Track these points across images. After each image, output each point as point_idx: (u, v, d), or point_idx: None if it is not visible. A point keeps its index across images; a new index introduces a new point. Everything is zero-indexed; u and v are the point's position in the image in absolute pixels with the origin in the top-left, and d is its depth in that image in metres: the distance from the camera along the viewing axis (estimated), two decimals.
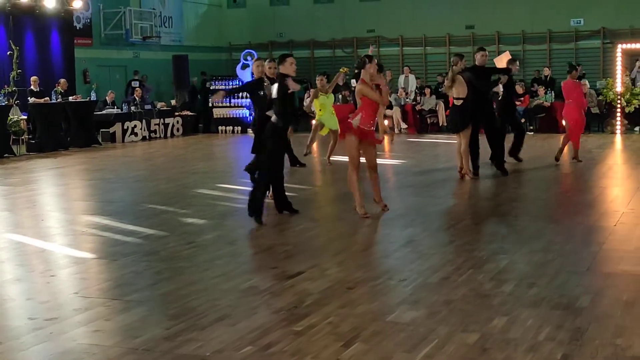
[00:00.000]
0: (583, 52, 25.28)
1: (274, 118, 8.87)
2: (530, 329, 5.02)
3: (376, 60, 9.26)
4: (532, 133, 21.22)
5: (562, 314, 5.30)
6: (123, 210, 10.20)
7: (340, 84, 13.26)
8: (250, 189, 9.41)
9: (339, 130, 9.56)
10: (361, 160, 9.01)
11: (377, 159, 9.34)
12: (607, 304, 5.54)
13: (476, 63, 12.55)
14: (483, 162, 12.64)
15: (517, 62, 13.41)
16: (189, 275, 6.62)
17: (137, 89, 22.58)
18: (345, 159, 9.25)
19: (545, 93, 21.97)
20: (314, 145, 15.78)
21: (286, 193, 9.50)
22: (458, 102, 11.90)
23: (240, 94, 18.94)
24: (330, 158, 14.37)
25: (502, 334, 4.94)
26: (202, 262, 7.09)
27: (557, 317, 5.23)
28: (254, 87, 10.46)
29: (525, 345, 4.71)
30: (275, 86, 8.92)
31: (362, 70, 9.03)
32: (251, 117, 16.93)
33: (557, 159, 14.03)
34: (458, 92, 11.87)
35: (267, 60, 10.20)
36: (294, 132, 12.45)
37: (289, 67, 8.99)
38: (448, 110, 13.43)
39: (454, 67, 12.05)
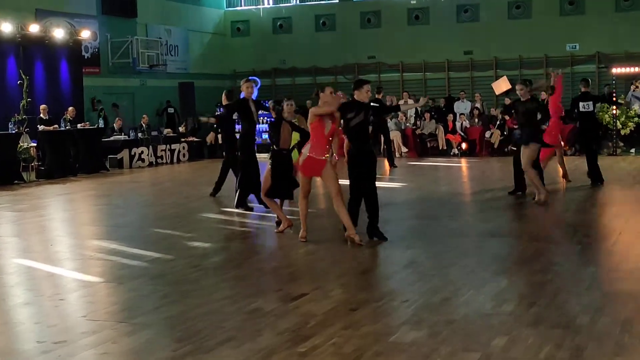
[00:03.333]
0: (579, 77, 25.26)
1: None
2: (531, 348, 4.99)
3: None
4: None
5: (561, 333, 5.27)
6: (130, 234, 10.19)
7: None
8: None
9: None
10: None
11: (378, 182, 9.24)
12: (606, 323, 5.50)
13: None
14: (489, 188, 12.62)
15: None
16: (195, 298, 6.59)
17: (144, 116, 22.67)
18: (344, 182, 9.14)
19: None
20: None
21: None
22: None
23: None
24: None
25: (503, 353, 4.91)
26: (208, 285, 7.07)
27: (556, 336, 5.20)
28: (241, 106, 11.54)
29: None
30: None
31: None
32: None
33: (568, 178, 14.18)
34: None
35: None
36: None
37: (364, 94, 8.77)
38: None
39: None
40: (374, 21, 27.72)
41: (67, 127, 19.20)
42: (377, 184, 9.15)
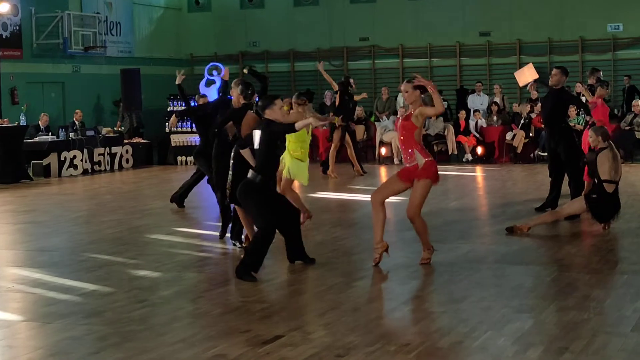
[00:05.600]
0: (622, 64, 25.56)
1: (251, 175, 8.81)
2: None
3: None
4: None
5: None
6: (59, 261, 10.15)
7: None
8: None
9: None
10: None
11: (364, 195, 9.31)
12: None
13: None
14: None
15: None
16: (141, 341, 6.58)
17: (77, 110, 22.59)
18: (333, 195, 9.21)
19: (578, 114, 21.22)
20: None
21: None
22: None
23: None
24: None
25: None
26: (157, 325, 7.06)
27: None
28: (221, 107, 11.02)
29: None
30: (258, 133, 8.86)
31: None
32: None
33: None
34: None
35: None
36: None
37: (277, 112, 8.86)
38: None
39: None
40: None
41: None
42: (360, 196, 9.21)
